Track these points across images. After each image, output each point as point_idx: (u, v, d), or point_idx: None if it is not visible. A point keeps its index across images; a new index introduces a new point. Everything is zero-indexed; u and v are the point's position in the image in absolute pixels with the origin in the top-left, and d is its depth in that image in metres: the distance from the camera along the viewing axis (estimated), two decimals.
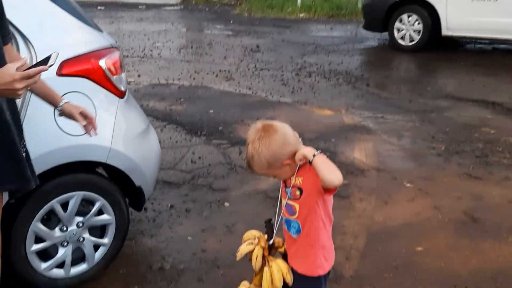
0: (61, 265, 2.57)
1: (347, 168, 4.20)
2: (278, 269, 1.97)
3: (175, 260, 2.95)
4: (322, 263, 1.95)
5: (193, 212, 3.52)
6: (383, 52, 9.48)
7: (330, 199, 1.91)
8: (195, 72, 7.55)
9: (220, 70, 7.61)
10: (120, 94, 2.65)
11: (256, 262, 2.00)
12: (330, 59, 8.55)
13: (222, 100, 6.17)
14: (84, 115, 2.06)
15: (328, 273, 2.01)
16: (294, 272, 1.97)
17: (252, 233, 2.07)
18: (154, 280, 2.77)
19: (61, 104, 2.02)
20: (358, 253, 3.03)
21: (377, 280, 2.76)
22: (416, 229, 3.29)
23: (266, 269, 1.98)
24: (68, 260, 2.57)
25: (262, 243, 2.01)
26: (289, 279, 1.97)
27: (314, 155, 1.74)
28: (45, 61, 1.62)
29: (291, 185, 1.87)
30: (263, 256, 2.00)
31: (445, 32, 8.65)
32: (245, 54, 8.99)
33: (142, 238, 3.19)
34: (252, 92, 6.55)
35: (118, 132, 2.63)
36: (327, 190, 1.80)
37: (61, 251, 2.55)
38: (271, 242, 2.01)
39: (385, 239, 3.18)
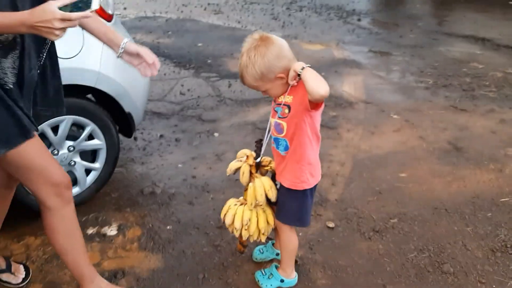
0: None
1: (336, 101, 4.24)
2: (260, 185, 2.04)
3: (166, 186, 3.03)
4: (308, 178, 2.01)
5: (183, 142, 3.57)
6: None
7: (317, 117, 1.93)
8: (183, 5, 7.36)
9: (208, 4, 7.43)
10: (108, 17, 2.60)
11: (243, 178, 2.08)
12: None
13: (210, 33, 6.07)
14: (143, 56, 1.89)
15: (314, 188, 2.08)
16: (282, 186, 2.05)
17: (244, 151, 2.14)
18: (145, 203, 2.85)
19: (122, 44, 1.86)
20: (344, 179, 3.13)
21: (361, 203, 2.87)
22: (401, 157, 3.38)
23: (250, 184, 2.07)
24: None
25: (250, 161, 2.07)
26: (271, 195, 2.05)
27: (303, 68, 1.75)
28: (87, 2, 1.53)
29: (282, 103, 1.90)
30: (250, 173, 2.07)
31: None
32: None
33: (133, 165, 3.25)
34: (242, 26, 6.44)
35: (106, 57, 2.59)
36: (313, 105, 1.82)
37: None
38: (258, 160, 2.07)
39: (371, 166, 3.27)
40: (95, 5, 1.51)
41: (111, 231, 2.61)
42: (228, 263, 2.39)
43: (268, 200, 2.08)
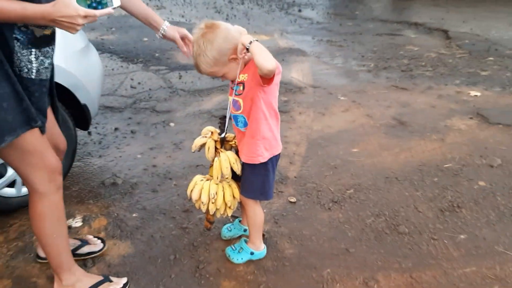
0: (12, 184, 2.57)
1: (286, 87, 4.38)
2: (225, 158, 2.12)
3: (127, 176, 3.03)
4: (262, 152, 2.08)
5: (139, 133, 3.57)
6: None
7: (272, 92, 2.00)
8: None
9: None
10: None
11: (208, 153, 2.14)
12: None
13: None
14: (184, 38, 2.04)
15: (276, 162, 2.17)
16: (244, 162, 2.13)
17: (208, 128, 2.20)
18: (108, 194, 2.84)
19: (164, 26, 1.99)
20: (300, 158, 3.26)
21: (319, 178, 3.02)
22: (351, 134, 3.57)
23: (216, 159, 2.14)
24: (19, 179, 2.57)
25: (215, 136, 2.14)
26: (236, 168, 2.12)
27: (251, 42, 1.80)
28: None
29: (236, 82, 1.97)
30: (216, 149, 2.14)
31: None
32: None
33: (90, 159, 3.22)
34: (186, 20, 6.45)
35: (58, 48, 2.56)
36: (265, 80, 1.88)
37: (10, 170, 2.53)
38: (222, 135, 2.14)
39: (324, 144, 3.43)
40: (116, 2, 1.56)
41: (76, 223, 2.59)
42: (198, 243, 2.45)
43: (234, 174, 2.16)
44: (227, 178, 2.15)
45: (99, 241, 2.39)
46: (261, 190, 2.19)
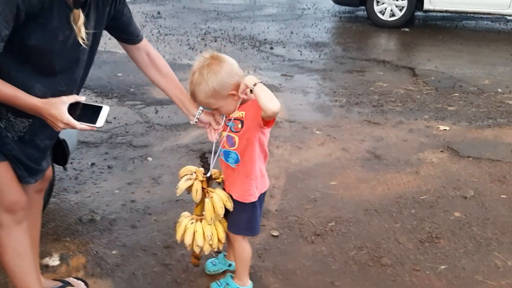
0: None
1: None
2: (218, 198, 2.10)
3: (105, 212, 2.96)
4: (254, 191, 2.12)
5: (116, 168, 3.52)
6: (283, 18, 9.83)
7: (267, 135, 2.07)
8: None
9: None
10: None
11: (196, 195, 2.10)
12: (233, 25, 8.69)
13: (129, 64, 5.94)
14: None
15: (263, 198, 2.20)
16: (238, 204, 2.12)
17: (189, 169, 2.16)
18: (86, 231, 2.77)
19: (198, 112, 2.03)
20: (280, 191, 3.28)
21: (300, 211, 3.03)
22: (329, 167, 3.62)
23: (207, 200, 2.09)
24: None
25: (200, 177, 2.12)
26: (230, 206, 2.12)
27: (255, 84, 1.84)
28: (95, 110, 1.69)
29: (233, 118, 1.99)
30: (203, 189, 2.12)
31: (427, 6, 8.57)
32: (147, 20, 8.81)
33: (66, 195, 3.14)
34: None
35: None
36: (266, 121, 1.92)
37: None
38: (208, 174, 2.12)
39: (303, 178, 3.47)
40: (100, 123, 1.68)
41: (53, 261, 2.51)
42: (182, 280, 2.40)
43: (226, 211, 2.14)
44: (220, 218, 2.13)
45: (82, 283, 2.31)
46: (248, 226, 2.19)
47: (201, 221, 2.14)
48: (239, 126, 1.99)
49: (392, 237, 2.80)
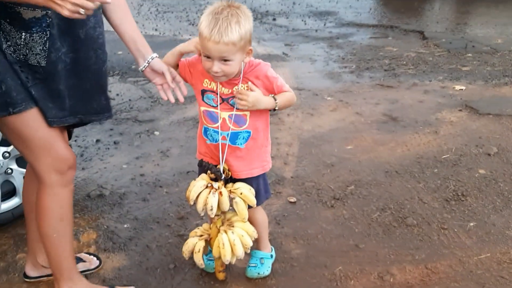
0: None
1: None
2: (240, 200, 1.86)
3: (114, 187, 2.84)
4: (269, 158, 1.97)
5: (123, 144, 3.39)
6: None
7: None
8: None
9: None
10: None
11: (223, 204, 1.82)
12: None
13: None
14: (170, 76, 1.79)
15: None
16: (249, 179, 1.90)
17: (199, 186, 1.84)
18: (95, 207, 2.65)
19: (151, 57, 1.77)
20: (294, 158, 3.14)
21: (316, 176, 2.90)
22: (343, 132, 3.47)
23: (237, 199, 1.85)
24: None
25: (219, 185, 1.84)
26: (253, 202, 1.89)
27: (275, 107, 1.81)
28: None
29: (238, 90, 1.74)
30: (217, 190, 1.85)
31: None
32: None
33: None
34: (160, 33, 6.32)
35: None
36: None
37: None
38: (223, 177, 1.85)
39: (317, 143, 3.32)
40: None
41: None
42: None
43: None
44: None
45: (94, 258, 2.19)
46: (266, 188, 2.04)
47: (225, 232, 1.89)
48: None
49: (416, 197, 2.66)
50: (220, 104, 1.80)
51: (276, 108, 1.81)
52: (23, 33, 1.50)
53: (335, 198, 2.66)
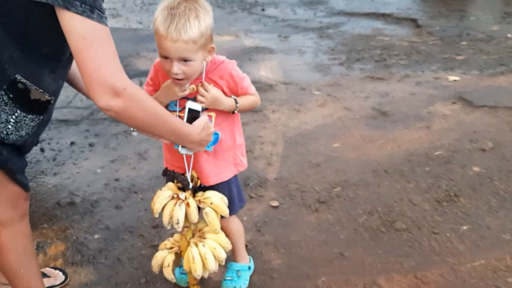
0: None
1: (255, 85, 4.04)
2: (211, 210, 1.70)
3: (86, 193, 2.68)
4: (241, 159, 1.82)
5: (98, 146, 3.22)
6: None
7: None
8: None
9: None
10: None
11: (191, 216, 1.65)
12: None
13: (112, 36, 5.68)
14: None
15: None
16: (221, 186, 1.76)
17: (165, 196, 1.69)
18: (65, 216, 2.49)
19: None
20: (278, 158, 2.98)
21: (301, 177, 2.74)
22: (331, 128, 3.31)
23: (207, 209, 1.69)
24: None
25: (187, 195, 1.67)
26: (226, 213, 1.73)
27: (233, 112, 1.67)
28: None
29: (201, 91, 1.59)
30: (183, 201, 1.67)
31: None
32: None
33: (43, 178, 2.85)
34: (144, 26, 6.12)
35: None
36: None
37: None
38: (191, 185, 1.68)
39: (303, 141, 3.16)
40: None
41: None
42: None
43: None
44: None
45: (60, 273, 2.05)
46: (240, 197, 1.88)
47: (195, 245, 1.73)
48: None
49: (406, 198, 2.50)
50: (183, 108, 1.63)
51: (236, 111, 1.66)
52: (19, 111, 1.37)
53: (320, 201, 2.50)
